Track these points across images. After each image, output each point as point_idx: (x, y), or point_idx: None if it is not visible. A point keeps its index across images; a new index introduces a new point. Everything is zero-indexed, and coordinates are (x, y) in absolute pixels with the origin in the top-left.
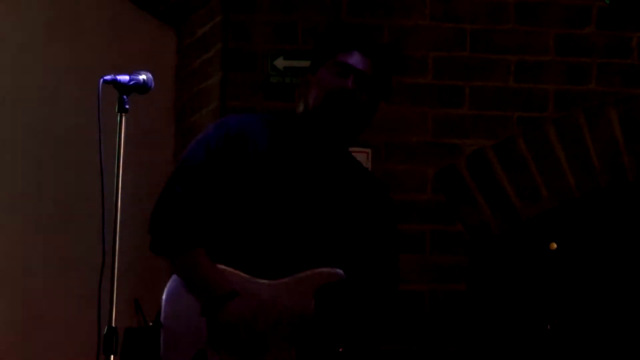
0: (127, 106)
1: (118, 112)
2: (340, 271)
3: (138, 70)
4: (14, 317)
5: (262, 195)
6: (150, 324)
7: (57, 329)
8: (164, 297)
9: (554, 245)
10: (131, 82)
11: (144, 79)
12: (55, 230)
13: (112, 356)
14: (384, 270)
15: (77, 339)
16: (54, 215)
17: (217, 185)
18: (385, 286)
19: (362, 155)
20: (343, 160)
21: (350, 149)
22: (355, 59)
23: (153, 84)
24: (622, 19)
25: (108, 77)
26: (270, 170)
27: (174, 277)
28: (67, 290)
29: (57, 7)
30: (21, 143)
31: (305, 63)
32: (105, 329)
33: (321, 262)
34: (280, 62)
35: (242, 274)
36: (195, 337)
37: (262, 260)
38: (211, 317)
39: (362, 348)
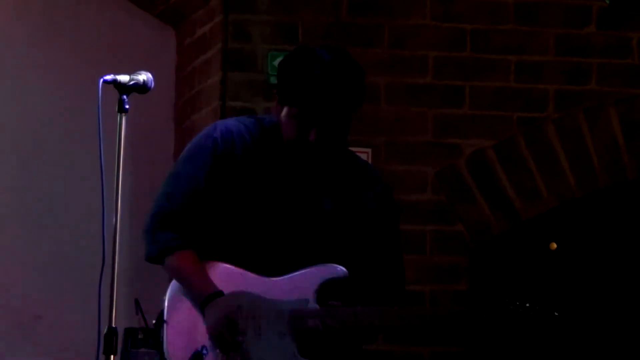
0: (127, 106)
1: (118, 112)
2: (342, 268)
3: (138, 70)
4: (14, 317)
5: (260, 202)
6: (154, 322)
7: (57, 329)
8: (167, 297)
9: (554, 245)
10: (131, 82)
11: (144, 79)
12: (55, 230)
13: (112, 356)
14: (391, 271)
15: (77, 339)
16: (54, 215)
17: (211, 200)
18: (394, 285)
19: (362, 156)
20: (341, 163)
21: (351, 149)
22: (320, 113)
23: (153, 84)
24: (622, 19)
25: (108, 77)
26: (264, 179)
27: None
28: (67, 290)
29: (57, 7)
30: (21, 143)
31: None
32: (105, 329)
33: (323, 262)
34: None
35: (244, 271)
36: (196, 335)
37: (266, 260)
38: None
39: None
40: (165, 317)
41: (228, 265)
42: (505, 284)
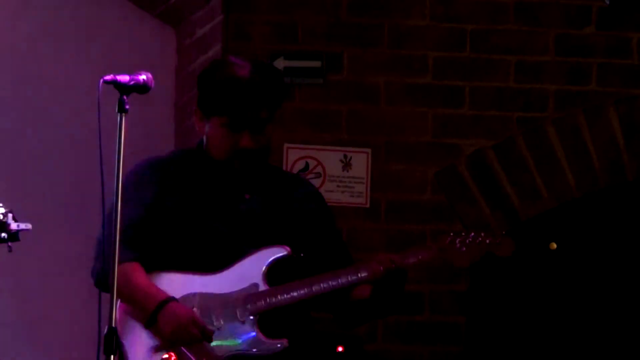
0: (127, 106)
1: (118, 112)
2: (284, 247)
3: (138, 70)
4: (14, 317)
5: (194, 210)
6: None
7: (57, 329)
8: (117, 324)
9: (554, 245)
10: (131, 82)
11: (144, 79)
12: (55, 230)
13: (112, 356)
14: (337, 248)
15: (77, 339)
16: (54, 215)
17: (151, 221)
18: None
19: (362, 155)
20: (269, 170)
21: (351, 149)
22: (246, 115)
23: (153, 84)
24: (622, 19)
25: (108, 78)
26: (193, 190)
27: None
28: (67, 290)
29: (58, 8)
30: (21, 143)
31: (305, 63)
32: (106, 329)
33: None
34: (280, 62)
35: (190, 274)
36: (155, 351)
37: (209, 259)
38: (155, 327)
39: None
40: (122, 343)
41: (173, 273)
42: (505, 284)
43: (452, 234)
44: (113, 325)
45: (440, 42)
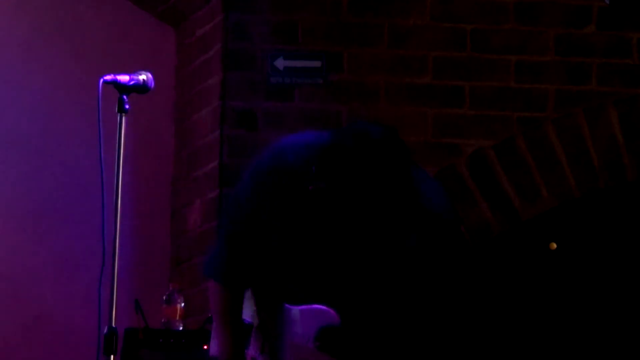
0: (127, 106)
1: (118, 112)
2: (332, 313)
3: (138, 70)
4: (14, 317)
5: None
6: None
7: (57, 329)
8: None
9: (554, 245)
10: (131, 82)
11: (144, 79)
12: (55, 230)
13: (112, 356)
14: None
15: (77, 339)
16: (54, 215)
17: (270, 226)
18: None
19: None
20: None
21: None
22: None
23: (153, 84)
24: (622, 19)
25: (108, 77)
26: (323, 204)
27: None
28: (67, 290)
29: (57, 7)
30: (21, 143)
31: (305, 63)
32: (106, 329)
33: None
34: (280, 62)
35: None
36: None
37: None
38: None
39: None
40: None
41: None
42: (505, 284)
43: None
44: (113, 325)
45: (440, 42)
